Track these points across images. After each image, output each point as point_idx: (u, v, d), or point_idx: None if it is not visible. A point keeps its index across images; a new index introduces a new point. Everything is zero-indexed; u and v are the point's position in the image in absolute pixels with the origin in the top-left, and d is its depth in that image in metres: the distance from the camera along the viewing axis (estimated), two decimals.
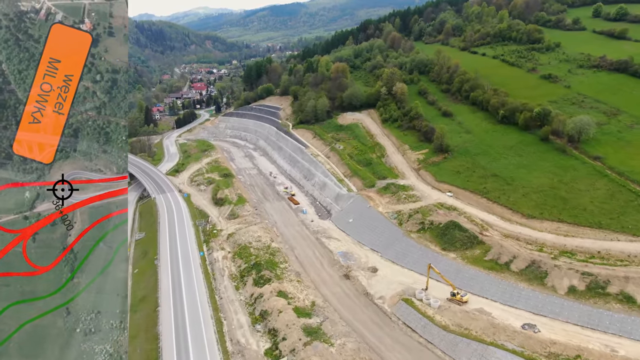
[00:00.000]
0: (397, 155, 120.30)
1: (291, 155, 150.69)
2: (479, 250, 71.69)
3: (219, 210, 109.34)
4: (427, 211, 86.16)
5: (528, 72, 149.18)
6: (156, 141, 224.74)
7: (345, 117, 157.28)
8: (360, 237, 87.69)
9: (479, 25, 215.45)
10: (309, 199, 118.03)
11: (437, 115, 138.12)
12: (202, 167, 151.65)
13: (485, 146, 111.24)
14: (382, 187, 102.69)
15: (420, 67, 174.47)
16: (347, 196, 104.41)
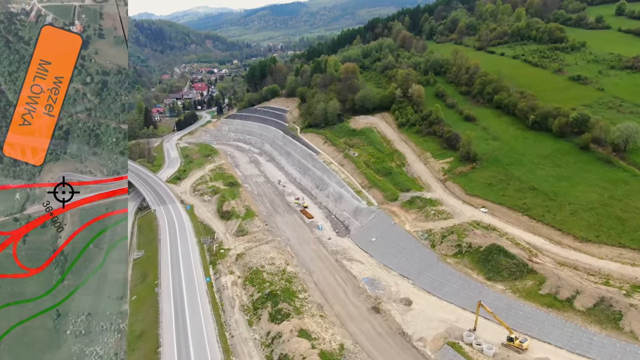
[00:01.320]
0: (418, 164, 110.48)
1: (300, 161, 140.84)
2: (530, 281, 61.88)
3: (225, 226, 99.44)
4: (462, 231, 76.40)
5: (554, 73, 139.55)
6: (156, 144, 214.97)
7: (357, 121, 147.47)
8: (386, 260, 77.92)
9: (494, 23, 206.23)
10: (323, 212, 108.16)
11: (459, 120, 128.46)
12: (205, 175, 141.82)
13: (518, 155, 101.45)
14: (406, 201, 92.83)
15: (435, 67, 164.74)
16: (368, 210, 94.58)
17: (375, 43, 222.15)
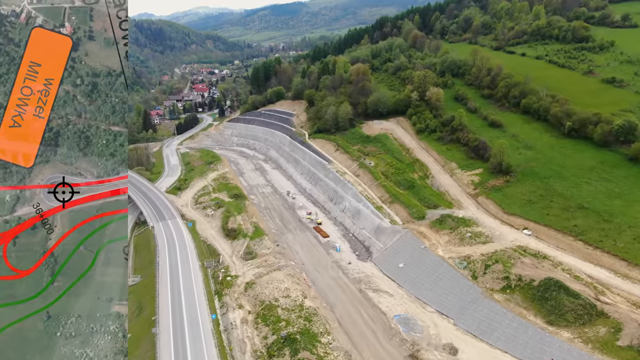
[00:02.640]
0: (444, 176, 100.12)
1: (311, 171, 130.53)
2: (603, 328, 51.58)
3: (231, 246, 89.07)
4: (507, 259, 66.04)
5: (584, 75, 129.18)
6: (155, 149, 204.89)
7: (371, 127, 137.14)
8: (419, 292, 67.60)
9: (511, 22, 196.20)
10: (339, 229, 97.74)
11: (483, 126, 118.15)
12: (207, 185, 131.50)
13: (557, 167, 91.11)
14: (435, 220, 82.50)
15: (452, 68, 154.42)
16: (391, 230, 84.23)
17: (384, 43, 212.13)
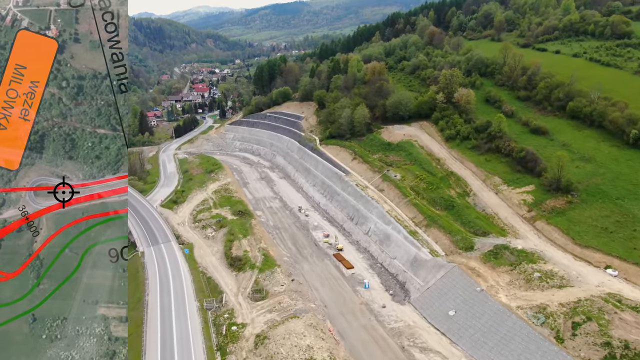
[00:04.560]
0: (487, 194, 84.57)
1: (325, 183, 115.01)
2: None
3: (236, 280, 73.54)
4: (600, 314, 50.50)
5: (635, 75, 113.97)
6: (151, 154, 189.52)
7: (392, 132, 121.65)
8: (482, 355, 52.00)
9: (537, 17, 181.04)
10: (364, 257, 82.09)
11: (524, 133, 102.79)
12: (208, 198, 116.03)
13: (628, 184, 75.69)
14: (488, 253, 66.93)
15: (479, 67, 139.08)
16: (433, 264, 68.69)
17: (398, 40, 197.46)
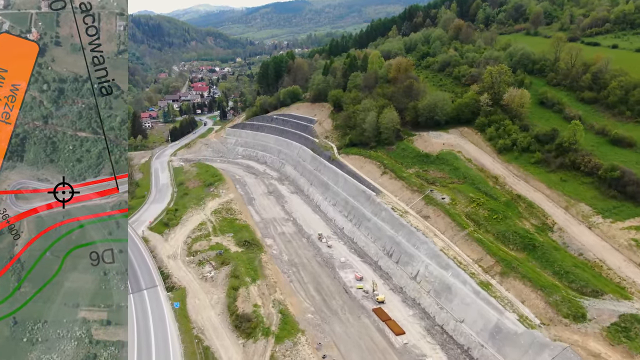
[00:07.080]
0: (578, 228, 63.67)
1: (348, 202, 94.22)
2: None
3: (244, 353, 52.62)
4: None
5: None
6: (143, 160, 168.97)
7: (427, 141, 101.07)
8: None
9: (579, 9, 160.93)
10: (415, 314, 61.03)
11: (602, 144, 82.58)
12: (206, 220, 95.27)
13: None
14: (614, 327, 46.16)
15: (526, 64, 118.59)
16: (530, 341, 47.88)
17: (419, 34, 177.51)
